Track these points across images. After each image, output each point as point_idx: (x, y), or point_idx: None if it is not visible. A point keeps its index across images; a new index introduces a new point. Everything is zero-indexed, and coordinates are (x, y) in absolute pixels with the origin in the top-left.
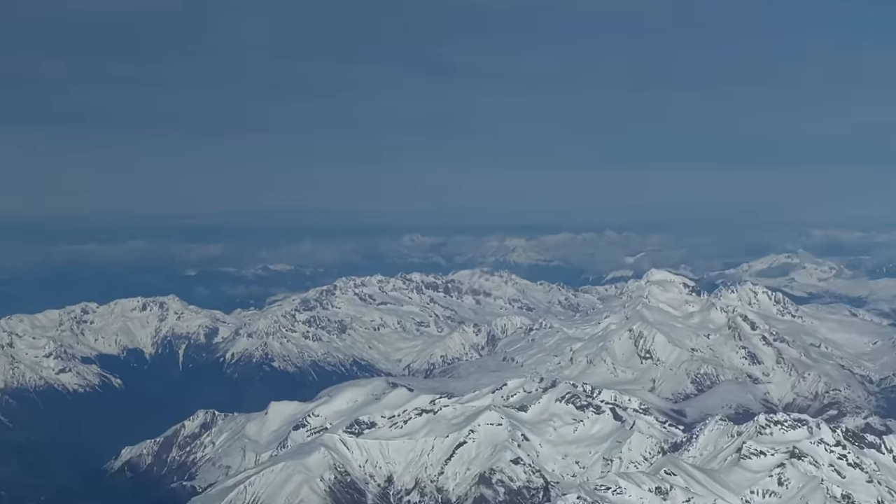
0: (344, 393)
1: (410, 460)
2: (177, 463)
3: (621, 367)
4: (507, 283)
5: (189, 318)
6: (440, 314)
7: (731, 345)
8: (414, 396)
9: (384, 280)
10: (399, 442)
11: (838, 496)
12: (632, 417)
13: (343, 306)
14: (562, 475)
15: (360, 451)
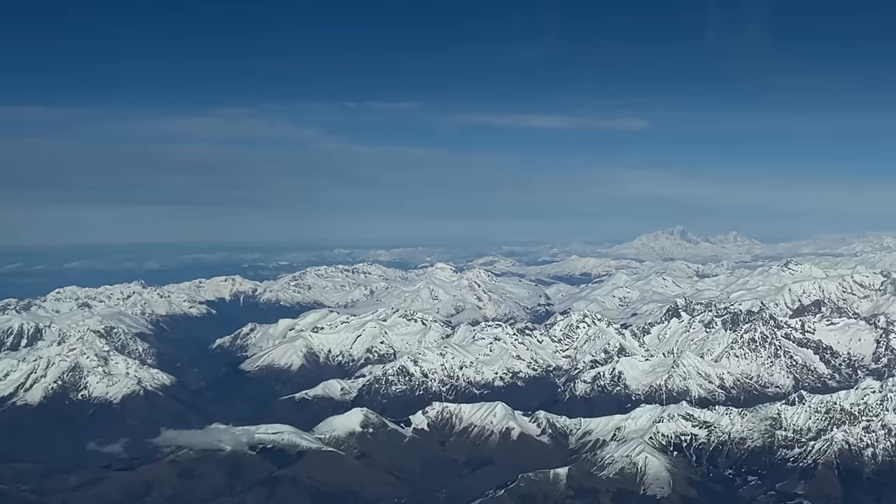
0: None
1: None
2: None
3: (426, 303)
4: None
5: None
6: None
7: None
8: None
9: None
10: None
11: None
12: (429, 324)
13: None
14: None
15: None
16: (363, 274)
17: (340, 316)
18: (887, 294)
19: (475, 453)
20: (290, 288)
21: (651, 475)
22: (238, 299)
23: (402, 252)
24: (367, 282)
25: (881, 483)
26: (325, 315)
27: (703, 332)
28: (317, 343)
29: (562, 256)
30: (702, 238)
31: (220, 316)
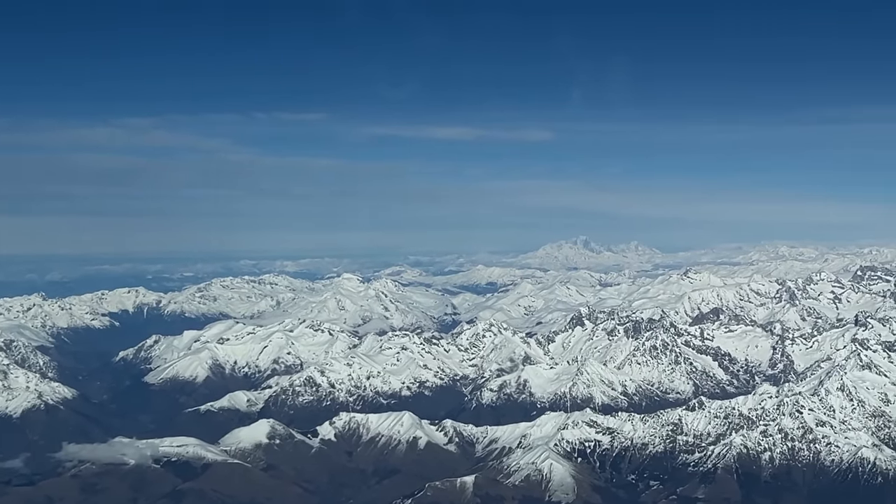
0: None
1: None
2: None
3: (333, 313)
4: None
5: None
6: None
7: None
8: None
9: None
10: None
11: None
12: (336, 334)
13: None
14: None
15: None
16: (269, 285)
17: (246, 327)
18: (782, 302)
19: (382, 463)
20: (195, 299)
21: (556, 482)
22: (142, 311)
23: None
24: (274, 293)
25: (778, 486)
26: (230, 326)
27: (606, 340)
28: (222, 354)
29: (468, 266)
30: (604, 248)
31: (124, 328)
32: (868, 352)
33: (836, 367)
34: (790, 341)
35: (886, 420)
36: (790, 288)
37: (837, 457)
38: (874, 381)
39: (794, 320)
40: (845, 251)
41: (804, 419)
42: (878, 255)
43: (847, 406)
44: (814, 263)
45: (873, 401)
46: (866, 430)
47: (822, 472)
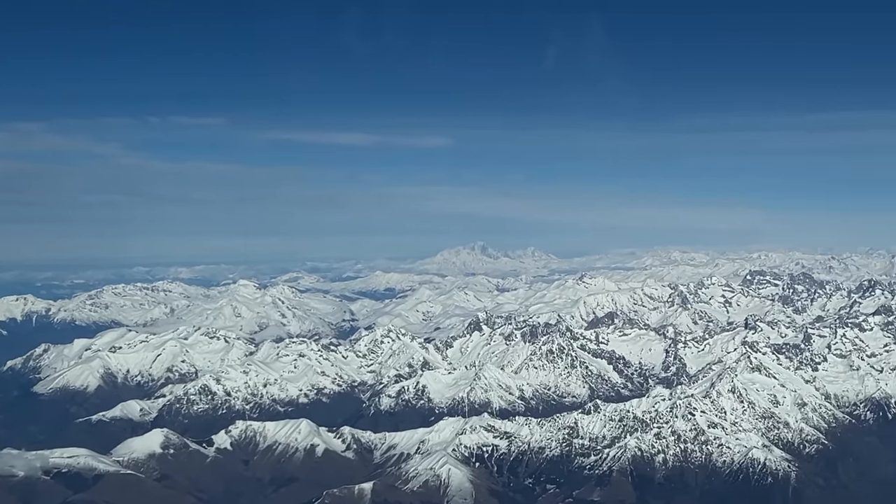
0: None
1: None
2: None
3: (229, 320)
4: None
5: None
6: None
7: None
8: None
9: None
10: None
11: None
12: (232, 341)
13: None
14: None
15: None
16: (163, 292)
17: (139, 335)
18: (675, 306)
19: (280, 471)
20: (86, 307)
21: (454, 487)
22: (30, 319)
23: (204, 269)
24: (168, 300)
25: (672, 487)
26: (123, 334)
27: (504, 345)
28: (115, 363)
29: (366, 272)
30: (501, 253)
31: (12, 337)
32: (758, 354)
33: (726, 370)
34: (682, 344)
35: (776, 421)
36: (682, 292)
37: (729, 458)
38: (763, 383)
39: (686, 324)
40: (735, 256)
41: (696, 421)
42: (766, 259)
43: (738, 408)
44: (705, 268)
45: (763, 402)
46: (756, 431)
47: (714, 473)
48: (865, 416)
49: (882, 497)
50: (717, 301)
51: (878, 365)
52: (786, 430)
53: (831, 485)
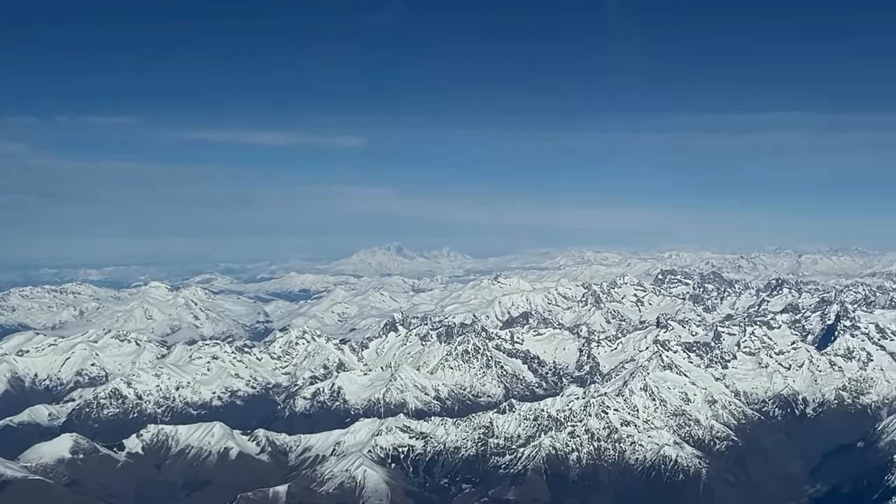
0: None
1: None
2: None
3: (140, 322)
4: None
5: None
6: None
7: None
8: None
9: None
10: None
11: (238, 375)
12: (143, 344)
13: None
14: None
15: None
16: (72, 294)
17: (48, 338)
18: (588, 305)
19: (193, 475)
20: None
21: (370, 488)
22: None
23: (115, 271)
24: (77, 302)
25: (585, 485)
26: (30, 338)
27: (420, 346)
28: (22, 367)
29: (280, 273)
30: (417, 254)
31: None
32: (669, 352)
33: (639, 368)
34: (596, 343)
35: (687, 418)
36: (595, 292)
37: (641, 455)
38: (675, 381)
39: (599, 323)
40: (647, 256)
41: (609, 419)
42: (677, 259)
43: (650, 405)
44: (617, 268)
45: (674, 400)
46: (668, 428)
47: (626, 471)
48: (774, 413)
49: (790, 493)
50: (630, 300)
51: (785, 362)
52: (697, 427)
53: (741, 481)
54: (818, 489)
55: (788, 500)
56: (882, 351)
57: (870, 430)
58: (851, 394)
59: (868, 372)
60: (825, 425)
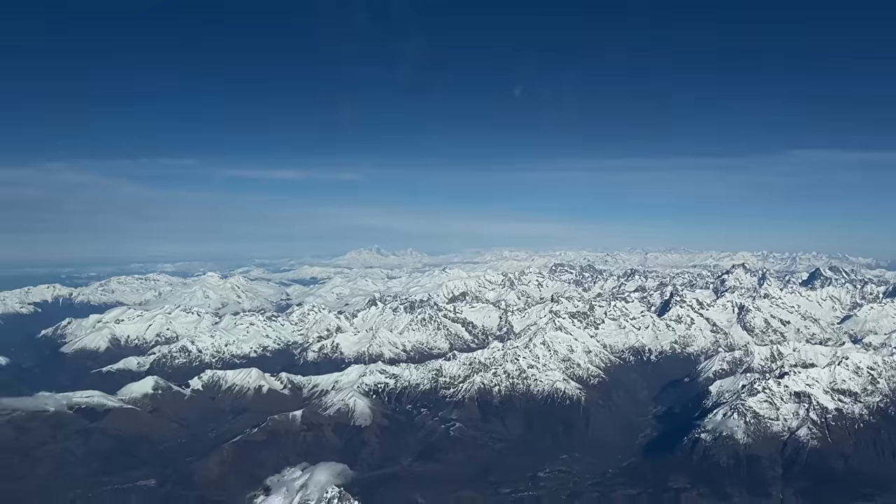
0: (118, 309)
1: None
2: None
3: (200, 300)
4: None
5: None
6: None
7: (232, 293)
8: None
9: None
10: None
11: (267, 335)
12: (203, 315)
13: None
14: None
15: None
16: (153, 281)
17: (136, 311)
18: (506, 287)
19: (237, 404)
20: (97, 292)
21: (358, 412)
22: (58, 301)
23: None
24: (156, 286)
25: (504, 409)
26: (124, 311)
27: (392, 315)
28: (119, 331)
29: (297, 266)
30: (390, 253)
31: (45, 314)
32: (560, 319)
33: (539, 329)
34: (511, 313)
35: (571, 363)
36: (511, 278)
37: (541, 388)
38: (563, 338)
39: (513, 299)
40: (545, 254)
41: (520, 364)
42: (564, 255)
43: (547, 354)
44: (525, 262)
45: (563, 350)
46: (559, 370)
47: (531, 399)
48: (629, 359)
49: (641, 412)
50: (534, 284)
51: (636, 325)
52: (578, 369)
53: (608, 404)
54: (659, 409)
55: (639, 417)
56: (701, 317)
57: (693, 370)
58: (681, 346)
59: (692, 331)
60: (663, 367)
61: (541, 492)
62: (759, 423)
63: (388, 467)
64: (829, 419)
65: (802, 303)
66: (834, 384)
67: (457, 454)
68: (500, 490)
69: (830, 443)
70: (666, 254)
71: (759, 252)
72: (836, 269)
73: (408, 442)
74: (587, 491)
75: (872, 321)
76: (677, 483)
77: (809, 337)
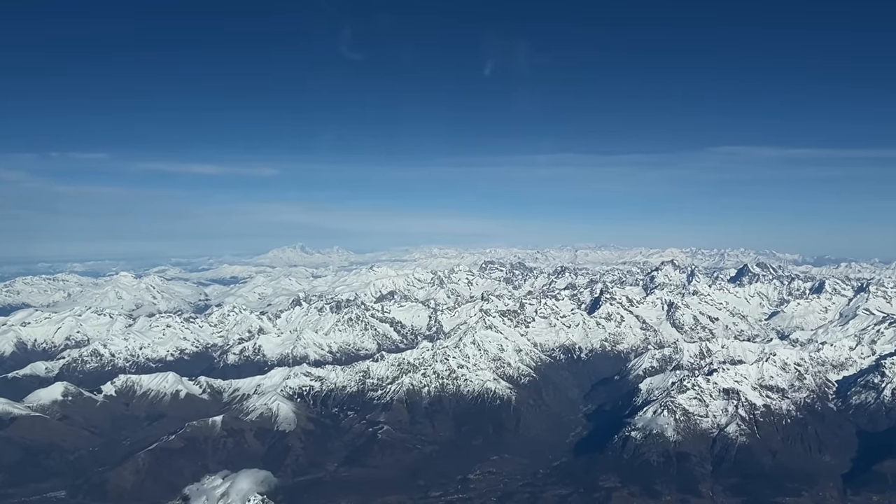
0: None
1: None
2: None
3: (113, 301)
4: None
5: None
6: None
7: (146, 293)
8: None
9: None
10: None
11: (185, 338)
12: (115, 317)
13: None
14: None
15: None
16: (62, 281)
17: (44, 313)
18: (435, 286)
19: (153, 410)
20: (2, 293)
21: (282, 416)
22: None
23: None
24: (66, 287)
25: (433, 410)
26: (31, 313)
27: (317, 315)
28: (25, 334)
29: (216, 265)
30: (315, 251)
31: None
32: (490, 317)
33: (469, 328)
34: (440, 312)
35: (502, 362)
36: (440, 276)
37: (471, 388)
38: (493, 337)
39: (442, 298)
40: (474, 251)
41: (450, 364)
42: (494, 253)
43: (477, 354)
44: (454, 259)
45: (493, 350)
46: (489, 369)
47: (461, 399)
48: (560, 357)
49: (571, 411)
50: (463, 282)
51: (566, 323)
52: (508, 368)
53: (538, 403)
54: (589, 407)
55: (570, 415)
56: (631, 315)
57: (623, 367)
58: (611, 344)
59: (622, 329)
60: (594, 365)
61: (471, 494)
62: (689, 421)
63: (313, 473)
64: (758, 415)
65: (731, 299)
66: (762, 380)
67: (385, 458)
68: (429, 494)
69: (759, 439)
70: (596, 251)
71: (688, 249)
72: (764, 265)
73: (334, 446)
74: (518, 492)
75: (799, 317)
76: (608, 482)
77: (738, 333)
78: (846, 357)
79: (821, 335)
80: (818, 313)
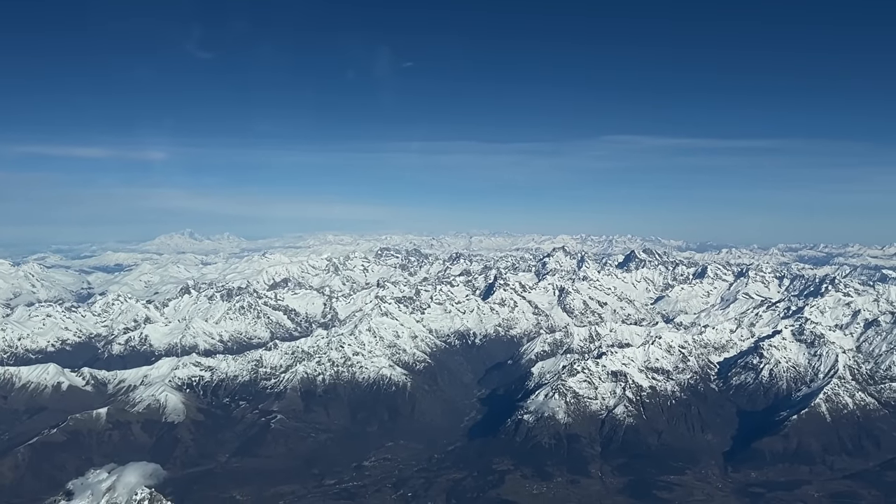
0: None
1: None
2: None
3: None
4: None
5: None
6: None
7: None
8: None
9: None
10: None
11: (67, 328)
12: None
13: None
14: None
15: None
16: None
17: None
18: (330, 273)
19: (33, 403)
20: None
21: (170, 408)
22: None
23: None
24: None
25: (328, 398)
26: None
27: (207, 303)
28: None
29: (100, 252)
30: (205, 237)
31: None
32: (386, 304)
33: (365, 316)
34: (335, 299)
35: (397, 349)
36: (335, 263)
37: (367, 375)
38: (389, 324)
39: (338, 285)
40: (370, 238)
41: (345, 351)
42: (390, 239)
43: (373, 341)
44: (350, 246)
45: (389, 336)
46: (385, 356)
47: (357, 387)
48: (455, 343)
49: (466, 396)
50: (359, 268)
51: (461, 309)
52: (404, 354)
53: (433, 389)
54: (483, 392)
55: (465, 400)
56: (524, 300)
57: (516, 352)
58: (504, 329)
59: (515, 314)
60: (488, 350)
61: (366, 481)
62: (579, 403)
63: (203, 464)
64: (644, 397)
65: (619, 284)
66: (648, 363)
67: (278, 447)
68: (323, 482)
69: (645, 419)
70: (490, 237)
71: (578, 235)
72: (650, 251)
73: (225, 437)
74: (413, 477)
75: (683, 301)
76: (501, 465)
77: (625, 317)
78: (727, 339)
79: (703, 318)
80: (701, 297)
